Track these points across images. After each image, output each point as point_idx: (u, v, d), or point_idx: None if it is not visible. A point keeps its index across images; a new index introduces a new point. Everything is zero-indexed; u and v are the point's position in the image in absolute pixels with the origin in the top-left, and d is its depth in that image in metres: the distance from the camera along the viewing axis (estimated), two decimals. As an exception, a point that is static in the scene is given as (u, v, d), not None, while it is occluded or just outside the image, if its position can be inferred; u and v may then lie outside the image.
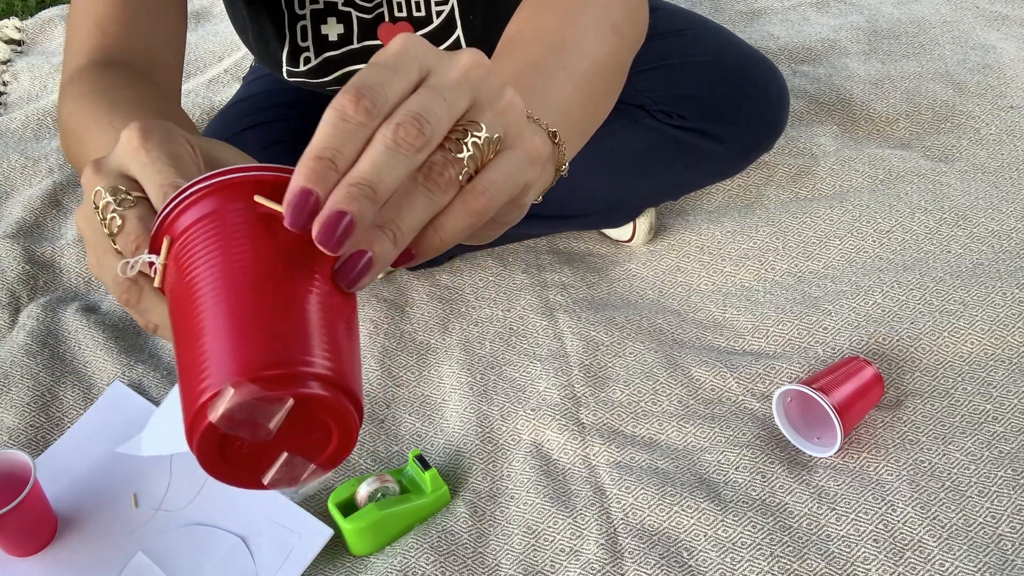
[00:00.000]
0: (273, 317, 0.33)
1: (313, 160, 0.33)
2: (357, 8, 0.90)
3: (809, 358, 1.07)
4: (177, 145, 0.43)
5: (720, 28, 1.10)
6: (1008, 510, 0.89)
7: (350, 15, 0.91)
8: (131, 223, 0.40)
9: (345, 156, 0.34)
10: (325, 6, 0.90)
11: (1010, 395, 0.99)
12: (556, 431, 1.02)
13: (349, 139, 0.33)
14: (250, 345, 0.32)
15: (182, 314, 0.35)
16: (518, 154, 0.39)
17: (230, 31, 1.79)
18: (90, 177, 0.42)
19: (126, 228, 0.40)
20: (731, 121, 1.05)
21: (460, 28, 0.92)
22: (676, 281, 1.21)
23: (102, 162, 0.43)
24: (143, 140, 0.42)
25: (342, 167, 0.34)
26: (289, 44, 0.92)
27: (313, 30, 0.91)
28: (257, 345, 0.32)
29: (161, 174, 0.41)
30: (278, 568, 0.91)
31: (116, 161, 0.43)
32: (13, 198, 1.43)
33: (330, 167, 0.33)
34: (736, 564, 0.88)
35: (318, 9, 0.90)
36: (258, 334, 0.32)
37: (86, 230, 0.43)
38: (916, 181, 1.30)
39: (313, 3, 0.90)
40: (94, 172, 0.42)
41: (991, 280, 1.12)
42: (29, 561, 0.94)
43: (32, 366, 1.13)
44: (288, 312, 0.33)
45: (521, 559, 0.91)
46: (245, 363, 0.32)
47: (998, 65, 1.48)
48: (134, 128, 0.43)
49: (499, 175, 0.37)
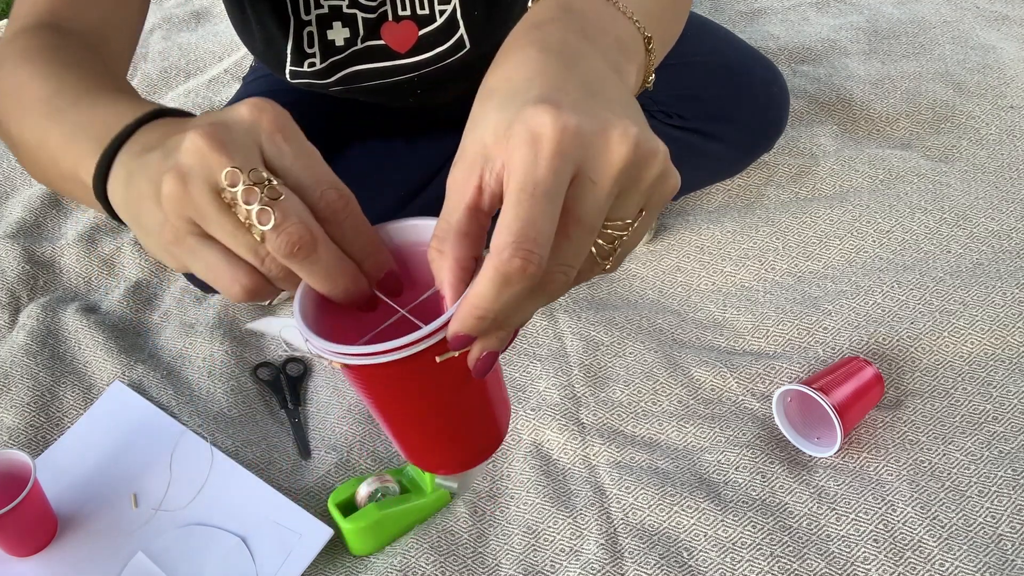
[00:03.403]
0: (467, 428, 0.46)
1: (475, 320, 0.35)
2: (362, 9, 0.90)
3: (809, 358, 1.07)
4: (304, 138, 0.38)
5: (720, 28, 1.10)
6: (1008, 510, 0.89)
7: (355, 17, 0.91)
8: (292, 223, 0.35)
9: (504, 316, 0.35)
10: (330, 10, 0.90)
11: (1010, 395, 0.99)
12: (556, 431, 1.03)
13: (511, 303, 0.34)
14: (464, 449, 0.47)
15: (394, 408, 0.43)
16: (655, 213, 0.38)
17: (230, 31, 1.79)
18: (208, 149, 0.35)
19: (285, 227, 0.35)
20: (731, 121, 1.05)
21: (463, 27, 0.92)
22: (676, 281, 1.21)
23: (222, 134, 0.36)
24: (278, 124, 0.37)
25: (500, 321, 0.36)
26: (294, 49, 0.92)
27: (319, 35, 0.91)
28: (469, 447, 0.47)
29: (315, 172, 0.37)
30: (278, 568, 0.91)
31: (246, 137, 0.36)
32: (13, 198, 1.43)
33: (490, 324, 0.35)
34: (736, 564, 0.88)
35: (323, 14, 0.90)
36: (467, 441, 0.46)
37: (183, 205, 0.36)
38: (916, 181, 1.30)
39: (318, 8, 0.90)
40: (217, 146, 0.35)
41: (991, 280, 1.12)
42: (29, 561, 0.94)
43: (32, 366, 1.13)
44: (474, 419, 0.45)
45: (521, 559, 0.91)
46: (463, 461, 0.47)
47: (998, 65, 1.48)
48: (261, 106, 0.37)
49: (633, 243, 0.38)
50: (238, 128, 0.36)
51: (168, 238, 0.37)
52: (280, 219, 0.35)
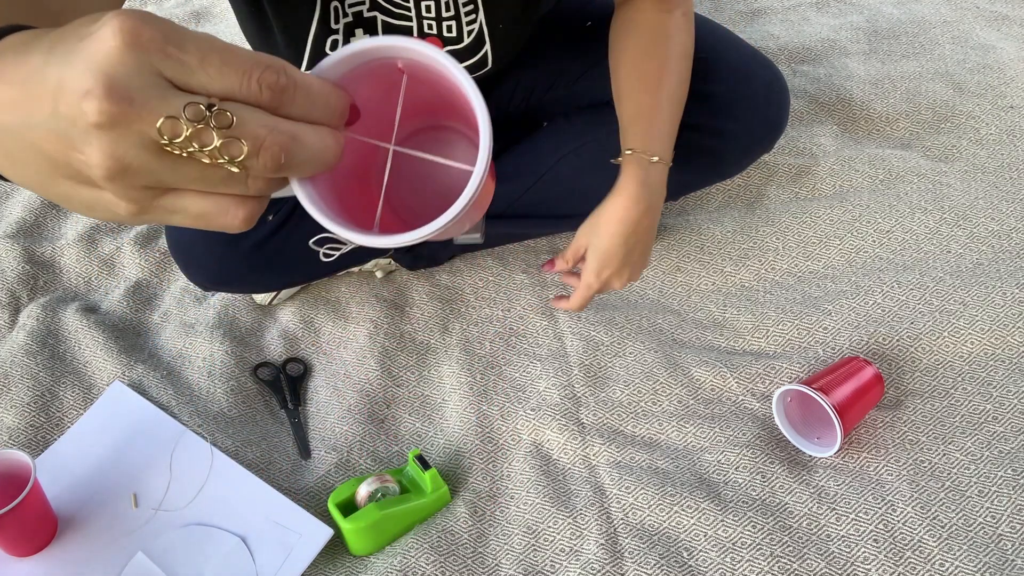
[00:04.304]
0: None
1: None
2: (388, 15, 0.89)
3: (809, 358, 1.07)
4: (192, 33, 0.33)
5: (720, 27, 1.10)
6: (1008, 510, 0.89)
7: (376, 26, 0.90)
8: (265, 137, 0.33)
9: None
10: (354, 18, 0.89)
11: (1010, 395, 0.99)
12: (556, 431, 1.03)
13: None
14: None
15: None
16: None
17: (230, 31, 1.79)
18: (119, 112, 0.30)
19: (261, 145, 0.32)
20: (731, 121, 1.05)
21: (489, 44, 0.92)
22: (676, 281, 1.21)
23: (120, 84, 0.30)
24: (158, 36, 0.31)
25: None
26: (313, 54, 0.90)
27: (343, 43, 0.90)
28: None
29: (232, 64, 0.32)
30: (278, 568, 0.91)
31: (142, 75, 0.31)
32: (13, 198, 1.43)
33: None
34: (736, 564, 0.88)
35: (349, 23, 0.89)
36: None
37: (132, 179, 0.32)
38: (916, 181, 1.30)
39: (345, 17, 0.89)
40: (125, 104, 0.30)
41: (991, 280, 1.12)
42: (29, 561, 0.94)
43: (32, 366, 1.13)
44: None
45: (521, 559, 0.91)
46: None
47: (998, 65, 1.48)
48: (125, 25, 0.31)
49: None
50: (127, 68, 0.31)
51: (132, 210, 0.34)
52: (251, 142, 0.32)
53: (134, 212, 0.34)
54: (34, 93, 0.32)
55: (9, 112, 0.33)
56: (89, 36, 0.31)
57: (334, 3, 0.87)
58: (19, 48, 0.34)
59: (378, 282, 1.26)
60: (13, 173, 0.35)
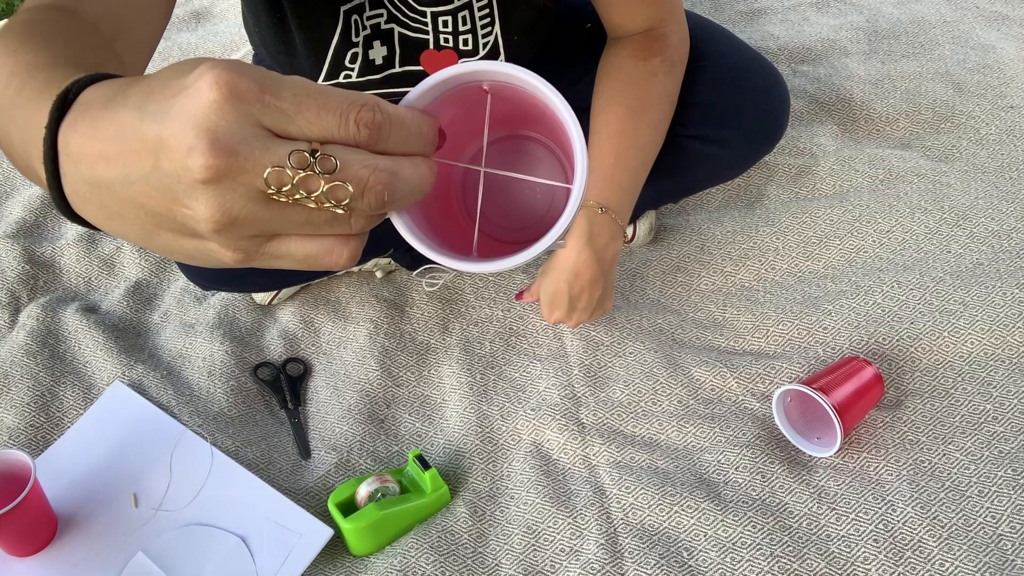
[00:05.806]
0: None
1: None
2: (405, 27, 0.90)
3: (809, 358, 1.07)
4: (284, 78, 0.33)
5: (721, 30, 1.10)
6: (1008, 510, 0.89)
7: (393, 38, 0.90)
8: (369, 178, 0.33)
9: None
10: (372, 31, 0.89)
11: (1010, 395, 0.99)
12: (556, 431, 1.03)
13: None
14: None
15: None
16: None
17: (230, 31, 1.79)
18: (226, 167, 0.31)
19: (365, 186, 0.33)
20: (732, 126, 1.04)
21: (503, 55, 0.92)
22: (676, 281, 1.21)
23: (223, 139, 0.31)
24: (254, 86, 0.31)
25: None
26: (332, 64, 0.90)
27: (362, 55, 0.90)
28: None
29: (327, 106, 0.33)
30: (278, 568, 0.91)
31: (243, 126, 0.31)
32: (13, 198, 1.43)
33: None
34: (736, 564, 0.88)
35: (367, 35, 0.89)
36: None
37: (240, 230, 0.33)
38: (916, 181, 1.30)
39: (364, 30, 0.89)
40: (230, 157, 0.31)
41: (991, 280, 1.12)
42: (29, 561, 0.94)
43: (32, 366, 1.13)
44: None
45: (521, 559, 0.91)
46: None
47: (998, 65, 1.48)
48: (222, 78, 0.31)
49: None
50: (227, 121, 0.31)
51: (239, 258, 0.34)
52: (355, 184, 0.32)
53: (240, 260, 0.34)
54: (131, 149, 0.32)
55: (105, 168, 0.33)
56: (184, 91, 0.31)
57: (354, 16, 0.87)
58: (105, 103, 0.34)
59: (378, 282, 1.26)
60: (111, 227, 0.35)
